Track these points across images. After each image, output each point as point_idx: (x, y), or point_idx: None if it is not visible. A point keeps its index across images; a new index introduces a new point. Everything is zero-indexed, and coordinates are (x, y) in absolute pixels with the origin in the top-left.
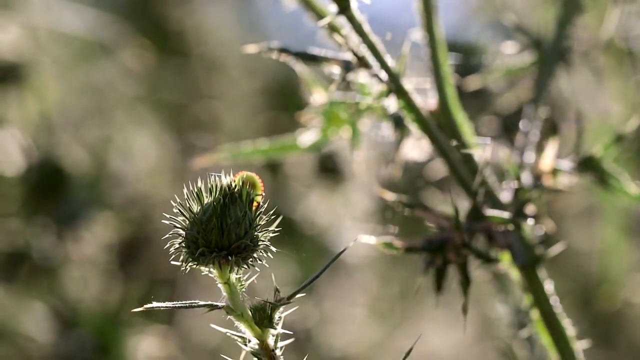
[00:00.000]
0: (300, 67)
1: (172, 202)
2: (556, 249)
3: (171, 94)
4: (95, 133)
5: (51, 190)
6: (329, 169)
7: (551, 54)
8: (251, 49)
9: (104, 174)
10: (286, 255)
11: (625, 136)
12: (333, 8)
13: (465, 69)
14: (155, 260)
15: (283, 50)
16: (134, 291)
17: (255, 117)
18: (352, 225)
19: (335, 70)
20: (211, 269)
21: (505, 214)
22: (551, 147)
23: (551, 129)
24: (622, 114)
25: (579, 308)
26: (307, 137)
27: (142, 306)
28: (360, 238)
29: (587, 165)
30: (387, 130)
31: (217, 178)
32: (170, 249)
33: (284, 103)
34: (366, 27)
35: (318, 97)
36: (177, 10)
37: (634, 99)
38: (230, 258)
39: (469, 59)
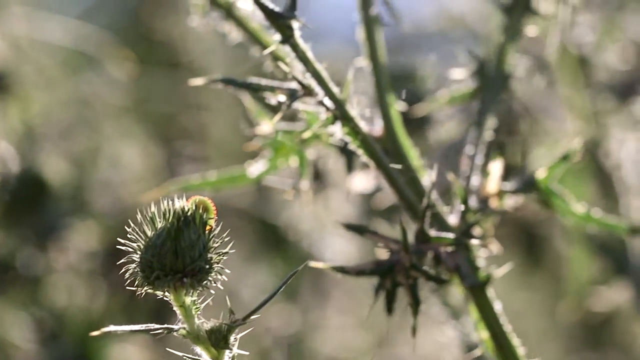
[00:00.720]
0: (246, 98)
1: (125, 227)
2: (503, 270)
3: (158, 105)
4: (83, 144)
5: (31, 200)
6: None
7: (493, 80)
8: (197, 81)
9: (88, 184)
10: (268, 262)
11: (572, 155)
12: (277, 37)
13: (410, 96)
14: None
15: (227, 81)
16: (117, 300)
17: (241, 126)
18: (334, 231)
19: (282, 99)
20: (167, 293)
21: (451, 235)
22: (495, 170)
23: (496, 151)
24: (576, 124)
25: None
26: (255, 168)
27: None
28: (309, 263)
29: (533, 186)
30: (334, 157)
31: (170, 202)
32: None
33: None
34: (310, 55)
35: (265, 127)
36: (163, 21)
37: (588, 109)
38: (185, 280)
39: (414, 86)
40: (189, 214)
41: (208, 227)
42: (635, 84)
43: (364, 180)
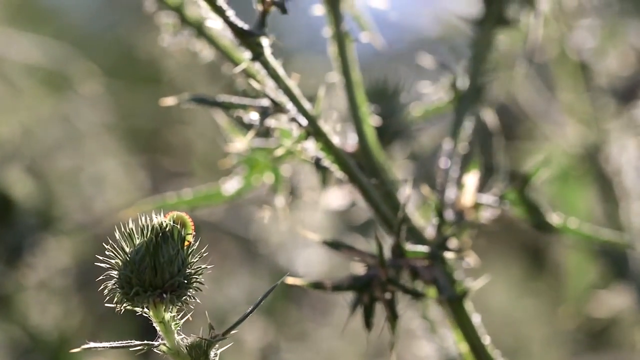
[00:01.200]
0: (219, 116)
1: (103, 244)
2: (481, 282)
3: (142, 121)
4: (64, 161)
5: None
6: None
7: (467, 92)
8: (169, 101)
9: (63, 201)
10: (241, 275)
11: (547, 163)
12: (247, 54)
13: (384, 110)
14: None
15: (198, 100)
16: (92, 316)
17: (218, 142)
18: (306, 242)
19: (254, 116)
20: (146, 309)
21: (427, 249)
22: (471, 182)
23: (471, 163)
24: (576, 129)
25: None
26: (230, 185)
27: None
28: (286, 279)
29: (509, 198)
30: (309, 173)
31: (148, 219)
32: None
33: None
34: (281, 72)
35: (239, 144)
36: (145, 39)
37: (589, 113)
38: (164, 296)
39: (388, 100)
40: (167, 229)
41: (186, 243)
42: (635, 89)
43: (339, 196)
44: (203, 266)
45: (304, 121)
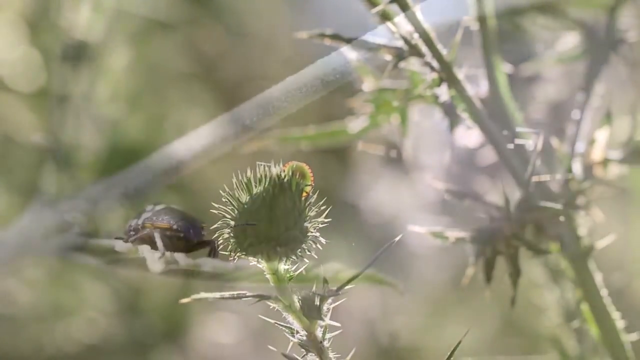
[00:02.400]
0: (351, 54)
1: (220, 191)
2: (606, 241)
3: (224, 74)
4: (152, 110)
5: (121, 168)
6: (396, 158)
7: (603, 44)
8: (303, 34)
9: (165, 153)
10: (347, 244)
11: None
12: None
13: (517, 56)
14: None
15: (335, 36)
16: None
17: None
18: (417, 215)
19: (387, 57)
20: (259, 260)
21: (556, 205)
22: (602, 137)
23: (603, 118)
24: None
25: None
26: (356, 124)
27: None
28: (410, 227)
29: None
30: (438, 118)
31: (266, 168)
32: (219, 239)
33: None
34: (419, 15)
35: (369, 83)
36: None
37: None
38: (279, 249)
39: (520, 47)
40: (285, 180)
41: (304, 194)
42: None
43: (471, 136)
44: (320, 219)
45: (438, 66)
